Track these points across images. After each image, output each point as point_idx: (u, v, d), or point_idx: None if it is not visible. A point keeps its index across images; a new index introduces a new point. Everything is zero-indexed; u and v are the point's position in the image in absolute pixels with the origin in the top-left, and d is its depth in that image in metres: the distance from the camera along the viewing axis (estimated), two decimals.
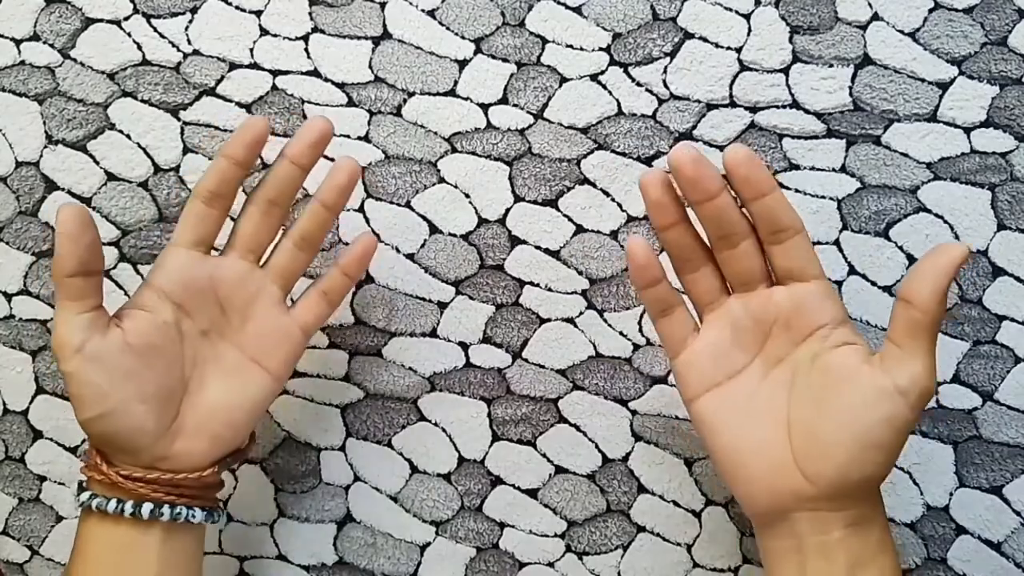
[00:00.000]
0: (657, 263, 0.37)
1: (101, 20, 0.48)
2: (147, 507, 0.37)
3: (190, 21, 0.48)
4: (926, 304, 0.33)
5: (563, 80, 0.48)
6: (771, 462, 0.36)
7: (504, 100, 0.48)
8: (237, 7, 0.48)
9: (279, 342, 0.40)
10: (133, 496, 0.38)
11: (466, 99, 0.48)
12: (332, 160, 0.43)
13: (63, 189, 0.49)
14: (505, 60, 0.48)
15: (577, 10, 0.48)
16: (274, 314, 0.40)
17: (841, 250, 0.48)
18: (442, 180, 0.48)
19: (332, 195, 0.41)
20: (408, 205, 0.49)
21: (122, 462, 0.38)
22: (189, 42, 0.48)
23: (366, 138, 0.48)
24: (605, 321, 0.48)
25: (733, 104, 0.47)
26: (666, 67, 0.47)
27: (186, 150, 0.49)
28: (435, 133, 0.48)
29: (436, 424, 0.49)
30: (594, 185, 0.48)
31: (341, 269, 0.42)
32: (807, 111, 0.47)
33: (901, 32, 0.47)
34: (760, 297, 0.37)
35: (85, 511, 0.39)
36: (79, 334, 0.36)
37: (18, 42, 0.49)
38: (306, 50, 0.48)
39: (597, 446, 0.49)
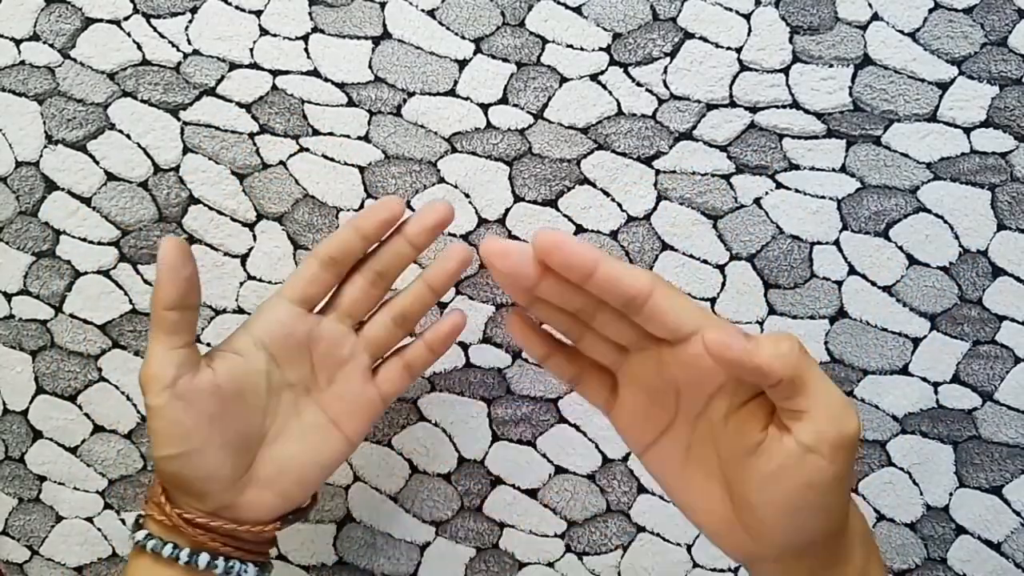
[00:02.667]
0: (539, 339, 0.36)
1: (101, 20, 0.48)
2: (204, 557, 0.37)
3: (190, 21, 0.48)
4: (775, 379, 0.29)
5: (563, 80, 0.47)
6: (718, 517, 0.33)
7: (504, 100, 0.47)
8: (237, 7, 0.48)
9: (360, 408, 0.40)
10: (190, 542, 0.37)
11: (466, 99, 0.47)
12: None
13: (63, 189, 0.48)
14: (505, 60, 0.47)
15: (577, 10, 0.47)
16: (359, 381, 0.40)
17: (841, 250, 0.47)
18: (442, 180, 0.48)
19: (440, 279, 0.39)
20: (408, 205, 0.48)
21: (186, 504, 0.37)
22: (189, 42, 0.48)
23: (366, 138, 0.48)
24: None
25: (733, 104, 0.47)
26: (666, 67, 0.47)
27: (186, 150, 0.48)
28: (435, 133, 0.47)
29: (436, 424, 0.49)
30: (594, 185, 0.47)
31: (427, 344, 0.40)
32: (807, 111, 0.47)
33: (901, 32, 0.46)
34: (652, 359, 0.33)
35: (138, 549, 0.37)
36: (171, 370, 0.35)
37: (18, 42, 0.48)
38: (306, 50, 0.48)
39: (597, 446, 0.49)
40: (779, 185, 0.47)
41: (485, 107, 0.47)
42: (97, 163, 0.48)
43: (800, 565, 0.32)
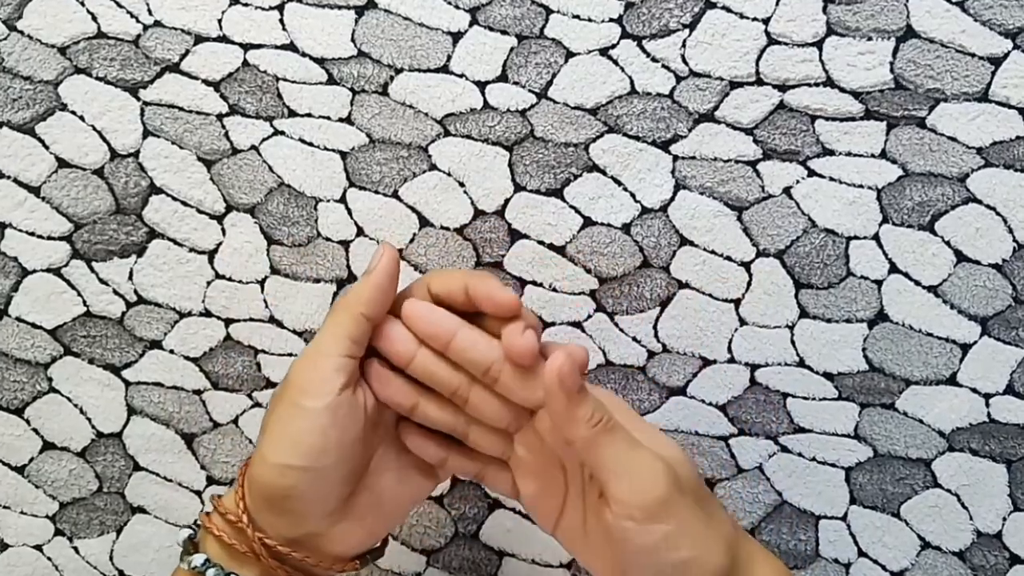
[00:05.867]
0: (434, 443, 0.38)
1: None
2: None
3: None
4: (570, 437, 0.33)
5: (569, 55, 0.46)
6: None
7: (503, 77, 0.46)
8: None
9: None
10: (254, 572, 0.35)
11: (460, 76, 0.46)
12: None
13: (8, 177, 0.47)
14: (504, 32, 0.46)
15: None
16: None
17: (881, 245, 0.45)
18: (434, 167, 0.46)
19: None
20: (395, 195, 0.47)
21: (270, 526, 0.35)
22: (150, 12, 0.46)
23: (348, 120, 0.46)
24: (616, 325, 0.47)
25: (760, 82, 0.45)
26: (685, 40, 0.45)
27: (146, 133, 0.47)
28: (426, 114, 0.46)
29: None
30: (604, 172, 0.46)
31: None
32: (843, 90, 0.45)
33: (948, 1, 0.44)
34: (532, 436, 0.37)
35: (193, 574, 0.35)
36: (342, 377, 0.34)
37: None
38: (281, 21, 0.46)
39: None
40: (811, 172, 0.46)
41: (482, 85, 0.46)
42: (47, 148, 0.47)
43: None
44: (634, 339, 0.46)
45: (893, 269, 0.45)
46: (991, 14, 0.44)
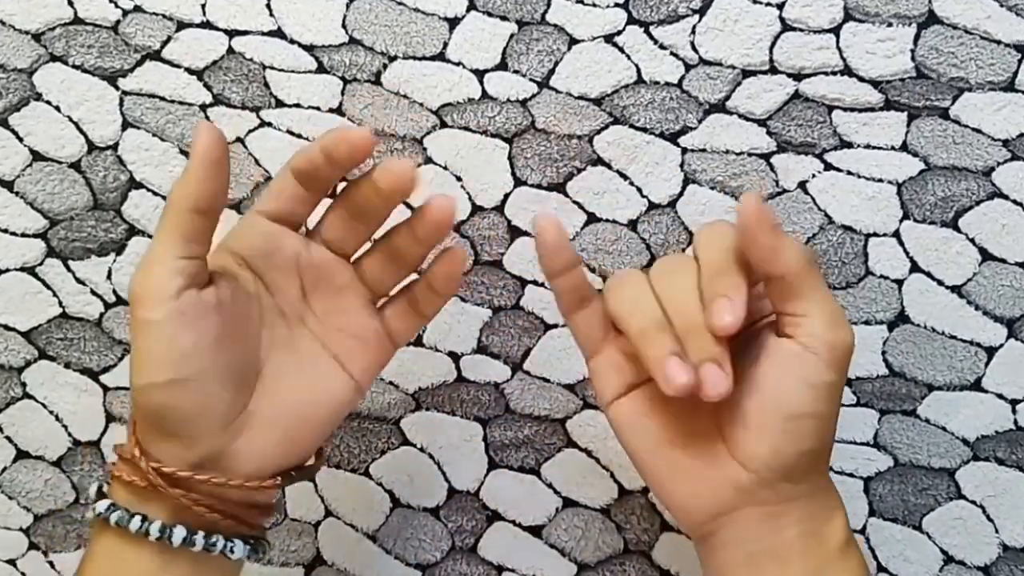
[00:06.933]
0: (569, 246, 0.36)
1: None
2: (179, 532, 0.33)
3: None
4: (782, 270, 0.33)
5: (573, 42, 0.46)
6: (703, 453, 0.36)
7: (503, 66, 0.46)
8: None
9: (366, 344, 0.38)
10: (165, 511, 0.34)
11: (458, 64, 0.46)
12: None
13: None
14: (504, 18, 0.46)
15: None
16: (361, 313, 0.38)
17: (902, 243, 0.45)
18: (430, 160, 0.46)
19: (425, 228, 0.37)
20: None
21: (168, 453, 0.34)
22: None
23: (339, 110, 0.46)
24: None
25: (774, 70, 0.45)
26: (694, 27, 0.45)
27: (126, 125, 0.46)
28: (421, 104, 0.46)
29: (422, 449, 0.48)
30: (609, 166, 0.46)
31: (428, 282, 0.38)
32: (861, 79, 0.45)
33: None
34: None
35: (100, 523, 0.34)
36: (179, 280, 0.33)
37: None
38: (268, 6, 0.46)
39: (612, 475, 0.47)
40: (828, 166, 0.45)
41: (480, 74, 0.46)
42: (20, 140, 0.47)
43: (787, 512, 0.34)
44: None
45: (914, 268, 0.45)
46: None
